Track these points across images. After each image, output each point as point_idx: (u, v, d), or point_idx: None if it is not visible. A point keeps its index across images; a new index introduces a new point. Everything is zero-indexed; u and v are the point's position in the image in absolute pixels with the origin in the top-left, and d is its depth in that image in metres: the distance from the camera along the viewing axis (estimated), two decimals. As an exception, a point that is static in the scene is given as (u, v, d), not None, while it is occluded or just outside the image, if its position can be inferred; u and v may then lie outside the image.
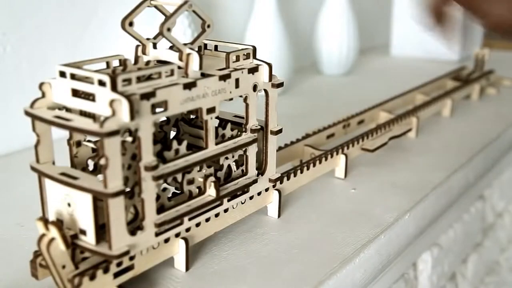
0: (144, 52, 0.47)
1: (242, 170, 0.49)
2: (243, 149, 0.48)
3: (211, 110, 0.44)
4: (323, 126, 0.69)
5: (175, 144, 0.43)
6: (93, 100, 0.38)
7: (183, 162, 0.42)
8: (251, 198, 0.51)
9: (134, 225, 0.41)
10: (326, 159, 0.60)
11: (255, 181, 0.50)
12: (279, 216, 0.54)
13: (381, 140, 0.68)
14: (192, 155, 0.43)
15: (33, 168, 0.42)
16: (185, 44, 0.44)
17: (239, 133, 0.49)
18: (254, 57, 0.49)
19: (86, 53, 0.78)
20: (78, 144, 0.45)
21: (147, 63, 0.47)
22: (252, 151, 0.49)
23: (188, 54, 0.43)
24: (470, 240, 0.85)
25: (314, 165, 0.59)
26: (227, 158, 0.48)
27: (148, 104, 0.38)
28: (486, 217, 0.91)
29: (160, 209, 0.42)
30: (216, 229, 0.48)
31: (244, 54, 0.48)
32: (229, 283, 0.44)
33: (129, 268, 0.40)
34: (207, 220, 0.47)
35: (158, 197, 0.41)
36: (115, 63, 0.45)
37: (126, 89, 0.38)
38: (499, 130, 0.82)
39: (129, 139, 0.40)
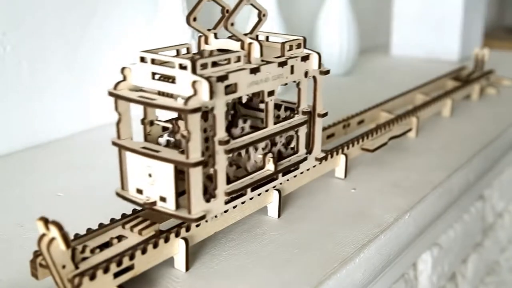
0: (206, 42, 0.52)
1: (292, 149, 0.55)
2: (295, 129, 0.54)
3: (271, 93, 0.50)
4: (323, 126, 0.69)
5: (241, 123, 0.50)
6: (173, 82, 0.43)
7: (248, 139, 0.48)
8: (251, 198, 0.51)
9: (207, 194, 0.45)
10: (326, 159, 0.60)
11: (305, 159, 0.55)
12: (279, 216, 0.54)
13: (381, 140, 0.68)
14: (255, 133, 0.49)
15: (114, 143, 0.48)
16: (245, 35, 0.50)
17: (291, 115, 0.54)
18: (304, 46, 0.54)
19: (86, 53, 0.78)
20: (151, 123, 0.50)
21: (211, 52, 0.52)
22: (302, 131, 0.55)
23: (250, 43, 0.49)
24: (470, 240, 0.85)
25: (314, 165, 0.59)
26: (280, 138, 0.53)
27: (222, 86, 0.44)
28: (486, 217, 0.91)
29: (227, 181, 0.46)
30: (216, 229, 0.48)
31: (296, 44, 0.53)
32: (229, 283, 0.44)
33: (129, 268, 0.40)
34: (207, 220, 0.47)
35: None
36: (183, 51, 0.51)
37: (203, 73, 0.43)
38: (499, 130, 0.82)
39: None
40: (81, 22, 0.77)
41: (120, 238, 0.43)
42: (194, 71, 0.42)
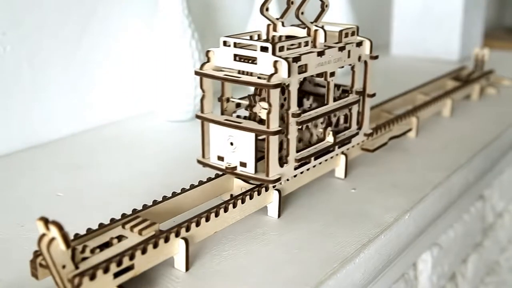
0: (274, 30, 0.58)
1: (345, 125, 0.61)
2: (349, 107, 0.60)
3: (332, 74, 0.57)
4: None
5: (307, 100, 0.60)
6: (253, 62, 0.50)
7: (314, 113, 0.55)
8: (251, 198, 0.51)
9: (281, 160, 0.52)
10: (326, 159, 0.60)
11: (356, 134, 0.62)
12: (279, 216, 0.54)
13: (381, 140, 0.68)
14: (320, 108, 0.56)
15: (198, 116, 0.54)
16: (311, 23, 0.57)
17: (346, 94, 0.61)
18: (357, 34, 0.61)
19: (86, 52, 0.78)
20: (227, 100, 0.56)
21: (279, 37, 0.58)
22: (355, 109, 0.61)
23: (316, 30, 0.56)
24: (470, 240, 0.85)
25: (314, 165, 0.59)
26: (334, 115, 0.60)
27: (296, 66, 0.50)
28: (486, 217, 0.91)
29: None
30: (216, 229, 0.48)
31: (351, 32, 0.60)
32: (229, 283, 0.44)
33: (129, 268, 0.40)
34: (207, 220, 0.47)
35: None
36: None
37: (281, 54, 0.50)
38: (499, 130, 0.82)
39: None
40: (81, 22, 0.77)
41: (120, 238, 0.43)
42: (274, 53, 0.50)
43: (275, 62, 0.49)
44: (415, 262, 0.68)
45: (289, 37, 0.57)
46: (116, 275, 0.39)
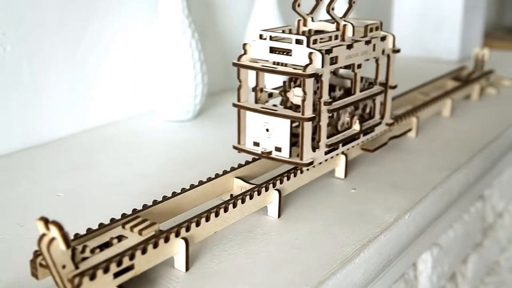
0: (304, 24, 0.62)
1: (369, 114, 0.65)
2: (373, 98, 0.64)
3: (359, 66, 0.60)
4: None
5: (333, 92, 0.63)
6: (288, 54, 0.54)
7: (343, 102, 0.58)
8: (251, 198, 0.51)
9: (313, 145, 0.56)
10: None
11: (379, 123, 0.66)
12: (279, 216, 0.54)
13: (381, 140, 0.68)
14: (348, 97, 0.60)
15: (235, 105, 0.58)
16: (340, 18, 0.60)
17: (370, 85, 0.65)
18: (381, 29, 0.65)
19: (86, 52, 0.78)
20: (261, 90, 0.60)
21: (309, 31, 0.62)
22: (378, 100, 0.65)
23: (344, 25, 0.59)
24: (470, 240, 0.85)
25: (314, 165, 0.59)
26: (360, 105, 0.64)
27: (328, 57, 0.54)
28: (486, 217, 0.91)
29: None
30: (216, 229, 0.48)
31: (375, 27, 0.64)
32: (229, 283, 0.44)
33: (129, 268, 0.40)
34: (207, 220, 0.47)
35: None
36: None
37: (314, 47, 0.54)
38: (499, 130, 0.82)
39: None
40: (81, 22, 0.77)
41: (120, 238, 0.43)
42: (308, 45, 0.53)
43: (310, 53, 0.53)
44: (415, 262, 0.68)
45: (317, 32, 0.61)
46: (116, 275, 0.39)
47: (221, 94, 0.99)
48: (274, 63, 0.56)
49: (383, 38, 0.64)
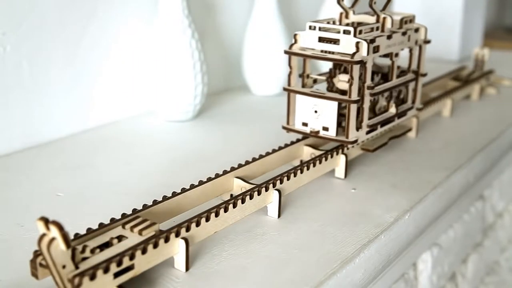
0: (346, 17, 0.67)
1: (402, 100, 0.71)
2: (407, 84, 0.71)
3: (396, 55, 0.67)
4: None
5: (375, 77, 0.67)
6: (335, 43, 0.60)
7: (382, 87, 0.64)
8: (251, 198, 0.51)
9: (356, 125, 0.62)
10: (326, 159, 0.60)
11: (411, 108, 0.72)
12: (279, 216, 0.54)
13: (381, 140, 0.68)
14: (387, 83, 0.66)
15: (285, 89, 0.64)
16: (380, 11, 0.65)
17: (402, 73, 0.70)
18: (414, 22, 0.71)
19: (86, 53, 0.78)
20: (307, 76, 0.65)
21: (352, 24, 0.66)
22: (411, 86, 0.72)
23: (384, 18, 0.64)
24: (470, 240, 0.85)
25: (314, 165, 0.59)
26: (396, 90, 0.70)
27: (371, 46, 0.60)
28: (486, 217, 0.91)
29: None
30: (216, 229, 0.48)
31: (409, 20, 0.70)
32: (229, 283, 0.44)
33: (129, 268, 0.40)
34: (207, 220, 0.47)
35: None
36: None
37: (360, 37, 0.60)
38: (499, 130, 0.82)
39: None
40: (81, 22, 0.77)
41: (120, 238, 0.43)
42: (355, 35, 0.59)
43: (357, 43, 0.59)
44: (415, 262, 0.68)
45: (359, 23, 0.67)
46: (116, 275, 0.39)
47: (221, 94, 0.99)
48: (321, 51, 0.61)
49: (416, 30, 0.70)
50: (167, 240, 0.43)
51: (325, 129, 0.61)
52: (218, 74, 1.00)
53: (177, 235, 0.44)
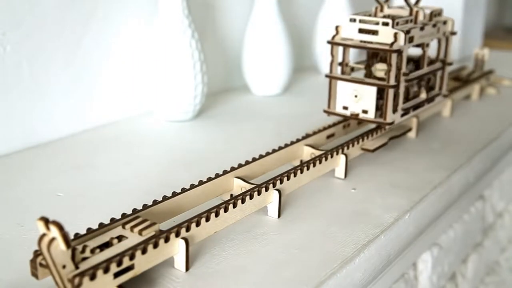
0: (381, 10, 0.72)
1: (430, 87, 0.78)
2: (435, 72, 0.77)
3: (427, 45, 0.73)
4: (323, 126, 0.69)
5: (409, 64, 0.74)
6: (374, 34, 0.66)
7: (416, 74, 0.71)
8: (251, 198, 0.51)
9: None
10: (326, 159, 0.60)
11: (438, 94, 0.79)
12: (279, 216, 0.54)
13: (381, 140, 0.68)
14: (419, 70, 0.72)
15: (327, 76, 0.70)
16: (414, 5, 0.71)
17: (432, 62, 0.76)
18: (442, 14, 0.77)
19: (86, 52, 0.78)
20: (346, 65, 0.71)
21: (388, 16, 0.71)
22: (439, 74, 0.78)
23: (417, 11, 0.71)
24: (470, 240, 0.85)
25: (314, 165, 0.59)
26: (424, 78, 0.75)
27: (407, 37, 0.66)
28: (486, 217, 0.91)
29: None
30: (216, 229, 0.48)
31: (438, 12, 0.76)
32: (229, 283, 0.44)
33: (129, 268, 0.40)
34: (207, 220, 0.47)
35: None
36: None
37: (397, 28, 0.66)
38: (499, 130, 0.82)
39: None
40: (81, 22, 0.77)
41: (120, 238, 0.43)
42: (393, 26, 0.65)
43: (396, 33, 0.65)
44: (415, 262, 0.68)
45: (393, 16, 0.71)
46: (116, 275, 0.40)
47: (221, 94, 0.99)
48: (360, 41, 0.67)
49: (444, 22, 0.76)
50: (167, 240, 0.43)
51: (365, 112, 0.67)
52: (218, 74, 1.00)
53: (177, 235, 0.44)
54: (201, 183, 0.52)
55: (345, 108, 0.69)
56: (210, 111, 0.89)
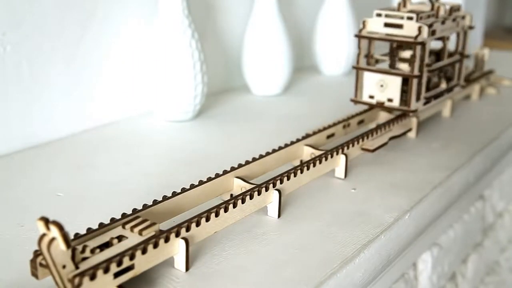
0: (404, 5, 0.76)
1: (448, 78, 0.83)
2: (454, 64, 0.82)
3: (448, 38, 0.79)
4: (323, 126, 0.69)
5: (430, 57, 0.77)
6: (399, 28, 0.71)
7: (437, 65, 0.76)
8: (251, 198, 0.51)
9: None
10: (326, 159, 0.60)
11: (457, 85, 0.84)
12: (279, 216, 0.54)
13: (381, 140, 0.68)
14: (440, 62, 0.78)
15: (355, 67, 0.75)
16: (435, 0, 0.77)
17: (451, 55, 0.82)
18: (460, 10, 0.82)
19: (86, 52, 0.78)
20: (371, 57, 0.76)
21: (411, 11, 0.74)
22: (457, 66, 0.83)
23: (438, 6, 0.76)
24: (470, 240, 0.85)
25: (314, 165, 0.59)
26: (442, 71, 0.81)
27: (430, 30, 0.71)
28: (486, 217, 0.91)
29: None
30: (216, 229, 0.48)
31: (457, 8, 0.80)
32: (229, 283, 0.44)
33: (129, 268, 0.40)
34: (207, 220, 0.47)
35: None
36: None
37: (421, 22, 0.70)
38: (499, 130, 0.82)
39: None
40: (81, 22, 0.77)
41: (120, 238, 0.43)
42: (417, 20, 0.70)
43: (420, 27, 0.69)
44: (415, 262, 0.68)
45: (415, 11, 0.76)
46: (116, 275, 0.40)
47: (221, 94, 0.99)
48: (386, 35, 0.72)
49: (463, 17, 0.81)
50: (167, 240, 0.43)
51: (390, 100, 0.73)
52: (218, 74, 1.00)
53: (177, 235, 0.44)
54: (201, 183, 0.52)
55: (371, 97, 0.74)
56: (210, 111, 0.89)
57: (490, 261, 0.97)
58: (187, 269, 0.45)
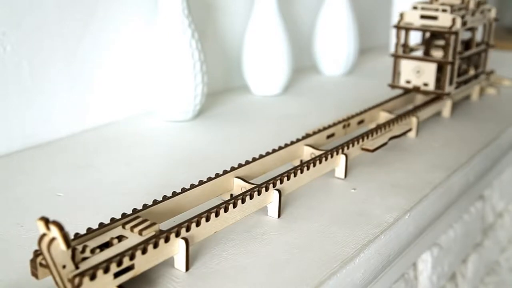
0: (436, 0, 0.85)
1: (475, 66, 0.91)
2: (480, 53, 0.90)
3: (476, 28, 0.86)
4: (323, 126, 0.69)
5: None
6: (434, 19, 0.79)
7: (468, 53, 0.84)
8: (251, 198, 0.51)
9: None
10: (326, 159, 0.60)
11: (482, 72, 0.93)
12: (279, 216, 0.54)
13: (381, 140, 0.68)
14: (470, 50, 0.86)
15: (393, 55, 0.83)
16: None
17: (480, 46, 0.90)
18: (487, 3, 0.90)
19: (86, 53, 0.78)
20: (406, 46, 0.84)
21: (443, 4, 0.81)
22: (483, 55, 0.92)
23: (468, 0, 0.84)
24: (470, 240, 0.85)
25: (314, 165, 0.59)
26: (471, 58, 0.89)
27: (462, 21, 0.78)
28: (486, 217, 0.91)
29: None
30: (216, 229, 0.48)
31: (484, 1, 0.88)
32: (229, 283, 0.44)
33: (129, 268, 0.40)
34: (207, 220, 0.47)
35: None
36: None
37: (454, 14, 0.78)
38: (499, 130, 0.82)
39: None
40: (81, 22, 0.77)
41: (120, 238, 0.43)
42: (451, 12, 0.78)
43: (454, 18, 0.77)
44: (415, 262, 0.68)
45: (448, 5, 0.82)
46: (116, 275, 0.40)
47: (221, 94, 0.99)
48: (421, 26, 0.80)
49: (489, 10, 0.89)
50: (167, 240, 0.43)
51: (425, 85, 0.81)
52: (218, 74, 1.00)
53: (177, 235, 0.44)
54: (201, 183, 0.52)
55: (408, 82, 0.82)
56: (210, 111, 0.89)
57: (490, 261, 0.97)
58: (187, 269, 0.45)
